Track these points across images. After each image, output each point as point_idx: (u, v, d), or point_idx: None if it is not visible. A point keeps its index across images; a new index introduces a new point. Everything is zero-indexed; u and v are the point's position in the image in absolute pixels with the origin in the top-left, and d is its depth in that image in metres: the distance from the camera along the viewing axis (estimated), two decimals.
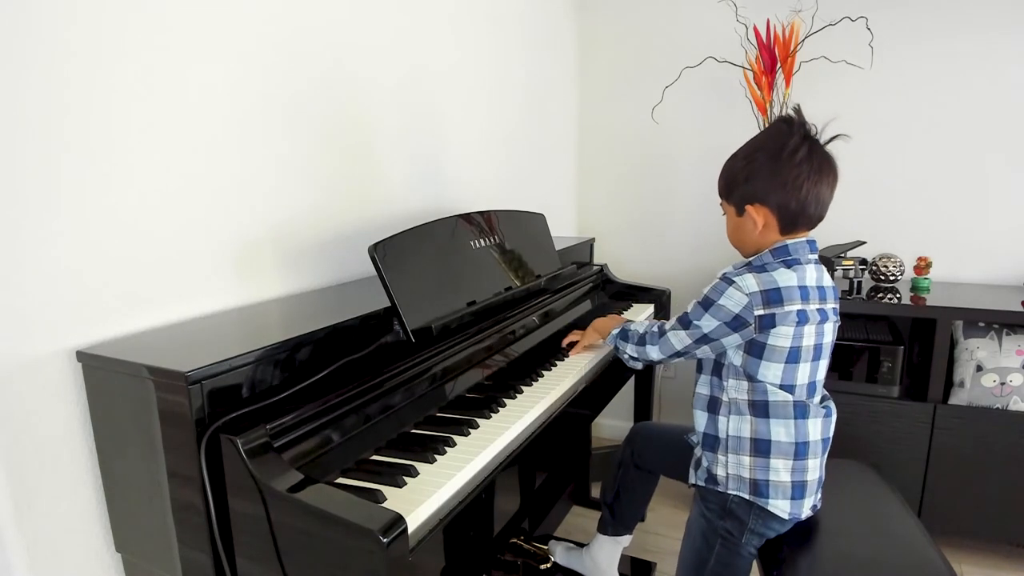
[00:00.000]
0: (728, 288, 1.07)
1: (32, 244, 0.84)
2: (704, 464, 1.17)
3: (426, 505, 0.81)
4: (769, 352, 1.07)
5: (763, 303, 1.04)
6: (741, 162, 1.11)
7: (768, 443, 1.09)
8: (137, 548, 0.94)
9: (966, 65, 2.02)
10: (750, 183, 1.09)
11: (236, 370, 0.85)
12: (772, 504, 1.09)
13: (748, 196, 1.10)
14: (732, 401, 1.12)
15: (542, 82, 2.28)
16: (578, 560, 1.54)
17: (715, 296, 1.08)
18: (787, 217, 1.08)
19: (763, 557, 1.14)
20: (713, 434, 1.15)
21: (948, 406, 1.80)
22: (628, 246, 2.62)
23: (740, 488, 1.11)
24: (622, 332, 1.30)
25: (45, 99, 0.85)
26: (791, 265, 1.07)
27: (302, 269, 1.29)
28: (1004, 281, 2.08)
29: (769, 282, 1.05)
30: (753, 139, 1.13)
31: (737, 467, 1.11)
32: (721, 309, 1.07)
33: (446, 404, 1.13)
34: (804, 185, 1.05)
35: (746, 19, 2.09)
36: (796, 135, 1.06)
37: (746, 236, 1.14)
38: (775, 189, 1.07)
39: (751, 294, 1.04)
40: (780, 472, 1.09)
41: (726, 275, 1.09)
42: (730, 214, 1.16)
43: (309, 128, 1.28)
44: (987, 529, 1.81)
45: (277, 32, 1.19)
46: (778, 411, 1.08)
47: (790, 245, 1.09)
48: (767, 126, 1.15)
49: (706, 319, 1.10)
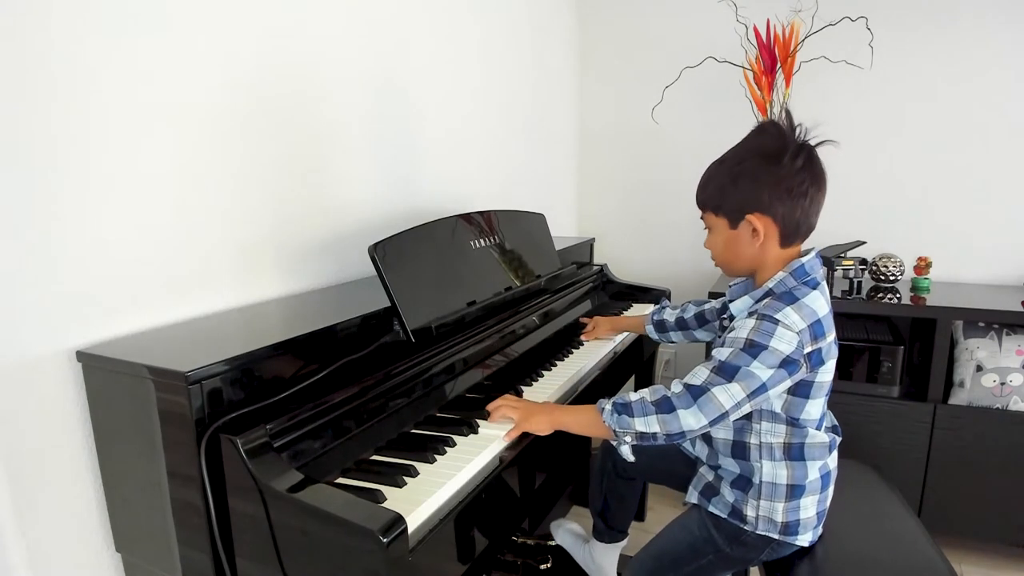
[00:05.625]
0: (776, 328, 0.92)
1: (32, 244, 0.84)
2: (728, 499, 1.08)
3: (426, 505, 0.81)
4: (816, 390, 0.98)
5: (811, 339, 0.94)
6: (732, 168, 1.00)
7: (803, 487, 1.02)
8: (137, 548, 0.94)
9: (966, 65, 2.02)
10: (749, 191, 0.98)
11: (236, 370, 0.84)
12: (800, 539, 1.05)
13: (748, 205, 0.99)
14: (764, 445, 1.02)
15: (543, 82, 2.28)
16: (577, 547, 1.53)
17: (764, 339, 0.92)
18: (789, 227, 0.99)
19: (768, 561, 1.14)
20: (747, 476, 1.05)
21: (948, 406, 1.80)
22: (628, 246, 2.62)
23: (770, 530, 1.04)
24: (617, 406, 1.00)
25: (45, 101, 0.85)
26: (814, 286, 0.98)
27: (302, 269, 1.29)
28: (1004, 281, 2.08)
29: (810, 315, 0.94)
30: (741, 144, 1.03)
31: (770, 512, 1.03)
32: (773, 354, 0.92)
33: (446, 404, 1.13)
34: (808, 192, 0.97)
35: (746, 19, 2.09)
36: (792, 141, 0.98)
37: (742, 251, 1.02)
38: (779, 197, 0.97)
39: (800, 332, 0.93)
40: (809, 509, 1.04)
41: (764, 314, 0.94)
42: (718, 228, 1.04)
43: (309, 128, 1.28)
44: (987, 529, 1.81)
45: (274, 32, 1.19)
46: (814, 453, 1.01)
47: (807, 264, 0.99)
48: (753, 130, 1.04)
49: (757, 367, 0.92)
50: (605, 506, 1.44)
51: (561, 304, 1.63)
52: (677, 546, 1.13)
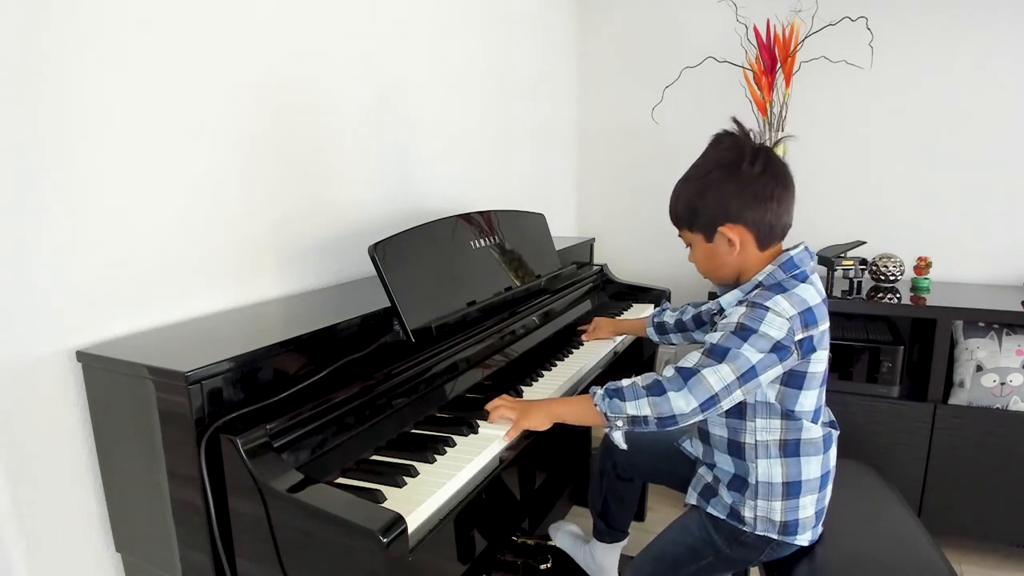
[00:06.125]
0: (766, 314, 0.93)
1: (33, 245, 0.84)
2: (727, 500, 1.08)
3: (426, 505, 0.81)
4: (809, 380, 0.99)
5: (802, 326, 0.95)
6: (697, 184, 1.03)
7: (799, 484, 1.02)
8: (137, 548, 0.94)
9: (966, 65, 2.02)
10: (716, 204, 1.01)
11: (236, 370, 0.85)
12: (799, 539, 1.05)
13: (718, 217, 1.02)
14: (760, 443, 1.02)
15: (543, 83, 2.28)
16: (577, 548, 1.53)
17: (754, 324, 0.93)
18: (763, 231, 1.01)
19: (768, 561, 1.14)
20: (743, 476, 1.06)
21: (948, 406, 1.80)
22: (628, 246, 2.61)
23: (768, 530, 1.04)
24: (609, 391, 1.01)
25: (46, 103, 0.85)
26: (803, 279, 0.99)
27: (302, 269, 1.29)
28: (1004, 281, 2.08)
29: (800, 303, 0.96)
30: (701, 159, 1.06)
31: (768, 511, 1.04)
32: (763, 338, 0.93)
33: (446, 404, 1.13)
34: (775, 194, 0.99)
35: (746, 19, 2.09)
36: (747, 147, 1.00)
37: (722, 260, 1.05)
38: (746, 204, 0.99)
39: (791, 318, 0.94)
40: (807, 508, 1.04)
41: (752, 301, 0.96)
42: (696, 243, 1.08)
43: (309, 128, 1.28)
44: (987, 529, 1.81)
45: (275, 33, 1.19)
46: (809, 448, 1.02)
47: (795, 257, 1.01)
48: (709, 143, 1.07)
49: (747, 349, 0.93)
50: (605, 506, 1.44)
51: (561, 304, 1.63)
52: (676, 548, 1.13)
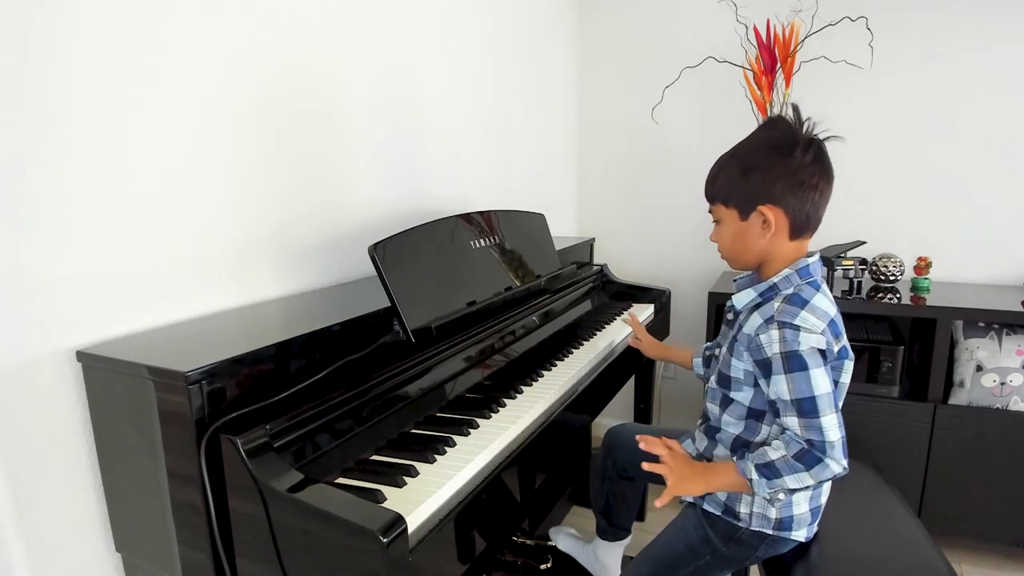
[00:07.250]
0: (799, 334, 0.93)
1: (32, 245, 0.84)
2: (721, 497, 1.09)
3: (426, 505, 0.81)
4: (839, 391, 0.99)
5: (834, 338, 0.97)
6: (744, 160, 1.01)
7: None
8: (137, 548, 0.94)
9: (966, 65, 2.02)
10: (761, 183, 0.98)
11: (236, 370, 0.84)
12: (794, 534, 1.05)
13: (760, 196, 0.99)
14: (765, 443, 1.03)
15: (543, 83, 2.28)
16: (579, 549, 1.54)
17: (793, 346, 0.93)
18: (800, 219, 0.99)
19: (765, 559, 1.14)
20: None
21: (948, 406, 1.80)
22: (628, 246, 2.61)
23: (763, 525, 1.05)
24: (761, 470, 0.96)
25: (45, 102, 0.85)
26: (817, 288, 0.99)
27: (302, 269, 1.29)
28: (1004, 281, 2.08)
29: (824, 315, 0.96)
30: (750, 137, 1.04)
31: (763, 507, 1.04)
32: (811, 356, 0.93)
33: (446, 404, 1.13)
34: (819, 185, 0.98)
35: (746, 19, 2.09)
36: (801, 133, 0.99)
37: (751, 242, 1.02)
38: (791, 189, 0.97)
39: (823, 331, 0.95)
40: (802, 504, 1.04)
41: (783, 322, 0.95)
42: (728, 220, 1.04)
43: (309, 128, 1.28)
44: (987, 529, 1.81)
45: (269, 34, 1.19)
46: None
47: (811, 266, 1.00)
48: (761, 124, 1.06)
49: (815, 380, 0.92)
50: (607, 505, 1.44)
51: (561, 304, 1.63)
52: (674, 549, 1.14)
